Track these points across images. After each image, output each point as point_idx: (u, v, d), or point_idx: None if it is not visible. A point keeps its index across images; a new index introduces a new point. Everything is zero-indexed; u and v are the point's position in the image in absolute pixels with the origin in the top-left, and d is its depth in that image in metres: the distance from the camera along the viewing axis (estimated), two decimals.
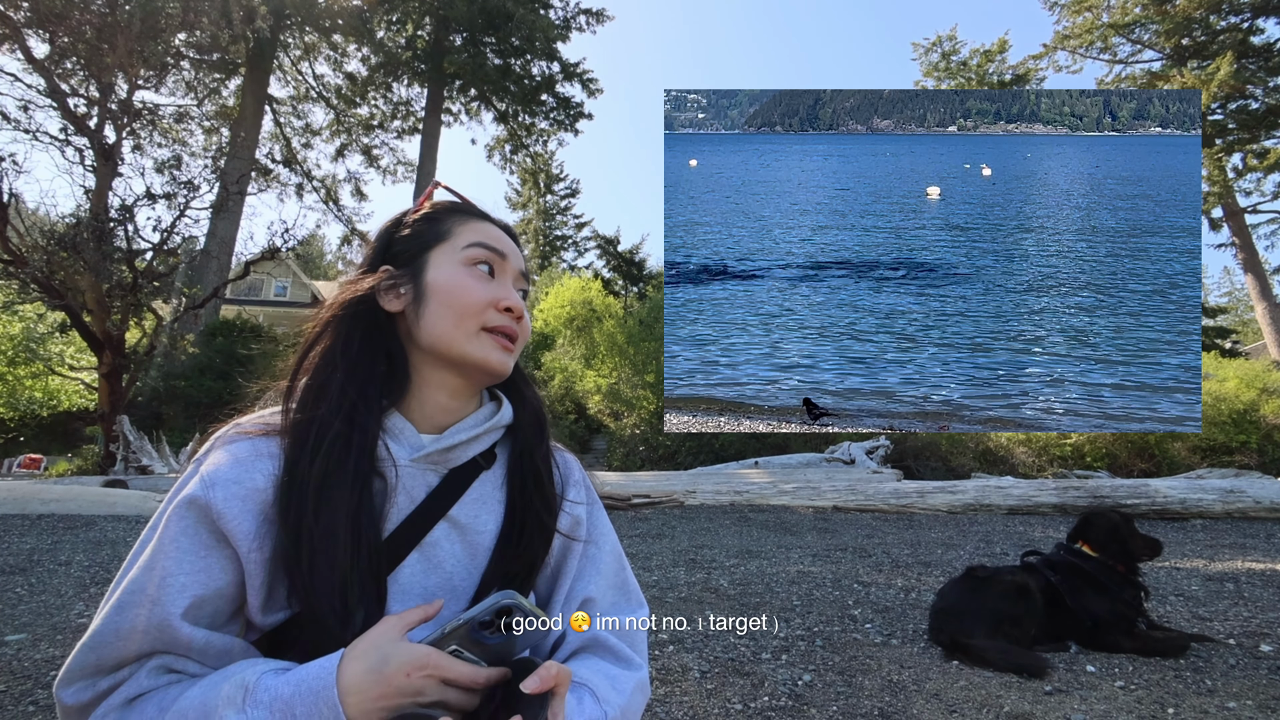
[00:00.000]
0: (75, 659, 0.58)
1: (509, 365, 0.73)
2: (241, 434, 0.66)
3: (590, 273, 25.40)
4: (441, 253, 0.73)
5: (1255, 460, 10.35)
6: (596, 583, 0.76)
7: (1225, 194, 18.62)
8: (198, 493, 0.61)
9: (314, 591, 0.59)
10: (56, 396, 16.27)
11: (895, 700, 1.78)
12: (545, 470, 0.77)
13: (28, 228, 9.65)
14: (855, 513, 5.96)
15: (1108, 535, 2.36)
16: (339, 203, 21.30)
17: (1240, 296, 40.05)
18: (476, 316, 0.71)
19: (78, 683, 0.58)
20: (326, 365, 0.68)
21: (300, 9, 16.87)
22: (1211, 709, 1.75)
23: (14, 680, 1.85)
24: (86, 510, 5.24)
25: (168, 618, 0.57)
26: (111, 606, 0.58)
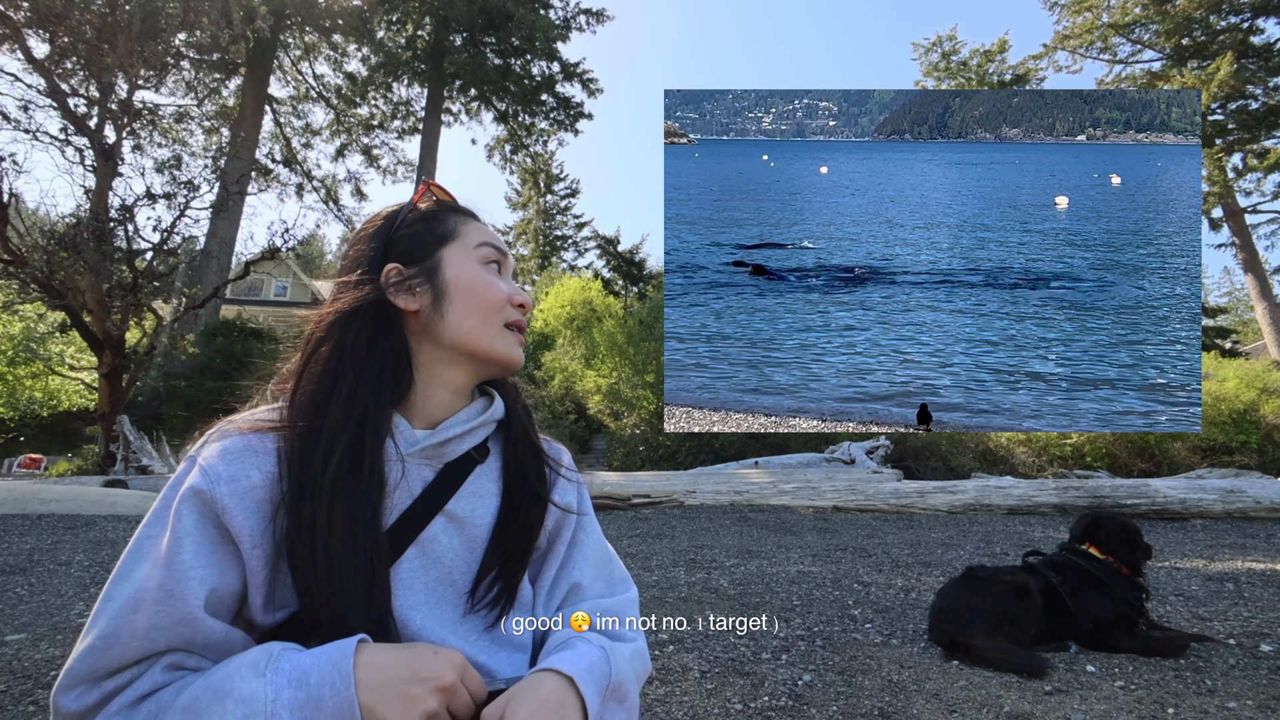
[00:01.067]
0: (80, 661, 0.55)
1: (522, 359, 0.77)
2: (235, 430, 0.66)
3: (590, 273, 25.39)
4: (455, 251, 0.74)
5: (1255, 460, 10.34)
6: (583, 569, 0.77)
7: (1225, 194, 18.62)
8: (202, 485, 0.60)
9: (329, 593, 0.59)
10: (56, 396, 16.27)
11: (895, 700, 1.78)
12: (540, 447, 0.80)
13: (28, 228, 9.65)
14: (855, 513, 5.96)
15: (1117, 538, 2.36)
16: (339, 203, 21.31)
17: (1240, 296, 40.05)
18: (500, 312, 0.74)
19: (81, 686, 0.55)
20: (333, 368, 0.67)
21: (300, 9, 16.87)
22: (1211, 709, 1.75)
23: (14, 680, 1.85)
24: (86, 510, 5.24)
25: (192, 612, 0.56)
26: (122, 604, 0.55)
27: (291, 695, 0.51)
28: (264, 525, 0.61)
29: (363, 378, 0.67)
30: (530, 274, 29.52)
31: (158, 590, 0.55)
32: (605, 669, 0.65)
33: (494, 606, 0.71)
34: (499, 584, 0.71)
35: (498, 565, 0.71)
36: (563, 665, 0.62)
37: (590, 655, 0.65)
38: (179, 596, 0.56)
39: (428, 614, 0.67)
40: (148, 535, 0.59)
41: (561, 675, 0.61)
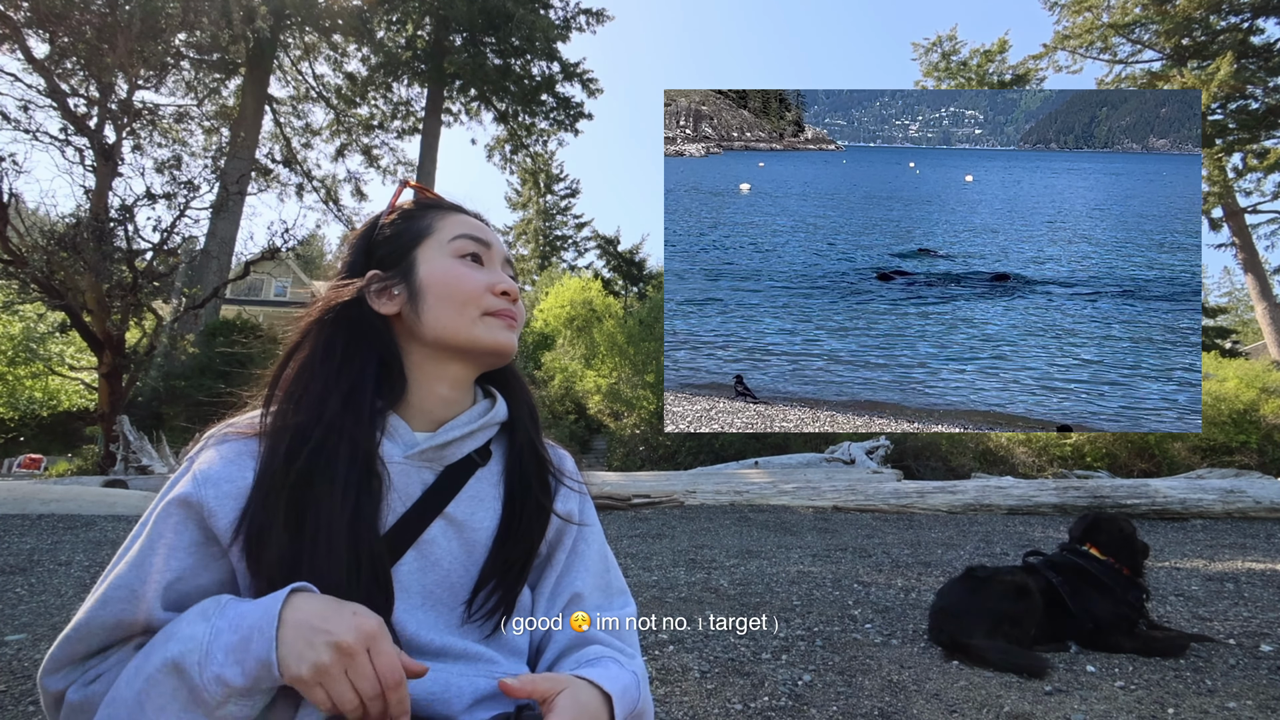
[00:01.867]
0: (59, 648, 0.59)
1: (514, 344, 0.75)
2: (233, 433, 0.67)
3: (590, 273, 25.38)
4: (429, 248, 0.74)
5: (1255, 460, 10.34)
6: (584, 579, 0.76)
7: (1225, 194, 18.61)
8: (189, 491, 0.62)
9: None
10: (56, 396, 16.28)
11: (895, 700, 1.78)
12: (544, 456, 0.79)
13: (28, 228, 9.65)
14: (855, 513, 5.96)
15: (1118, 539, 2.36)
16: (339, 203, 21.29)
17: (1240, 296, 40.03)
18: (476, 303, 0.72)
19: (63, 670, 0.60)
20: (304, 373, 0.68)
21: (300, 9, 16.86)
22: (1211, 709, 1.75)
23: (14, 680, 1.85)
24: (86, 510, 5.24)
25: (150, 610, 0.59)
26: (96, 600, 0.59)
27: (228, 639, 0.53)
28: None
29: (334, 384, 0.67)
30: (530, 274, 29.52)
31: (124, 590, 0.59)
32: (635, 695, 0.65)
33: (491, 616, 0.70)
34: (498, 594, 0.70)
35: (497, 576, 0.71)
36: (604, 682, 0.62)
37: (624, 678, 0.65)
38: (140, 597, 0.59)
39: (422, 617, 0.67)
40: (134, 536, 0.63)
41: (600, 691, 0.61)
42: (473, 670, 0.67)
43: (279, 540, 0.60)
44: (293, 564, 0.59)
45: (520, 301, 0.77)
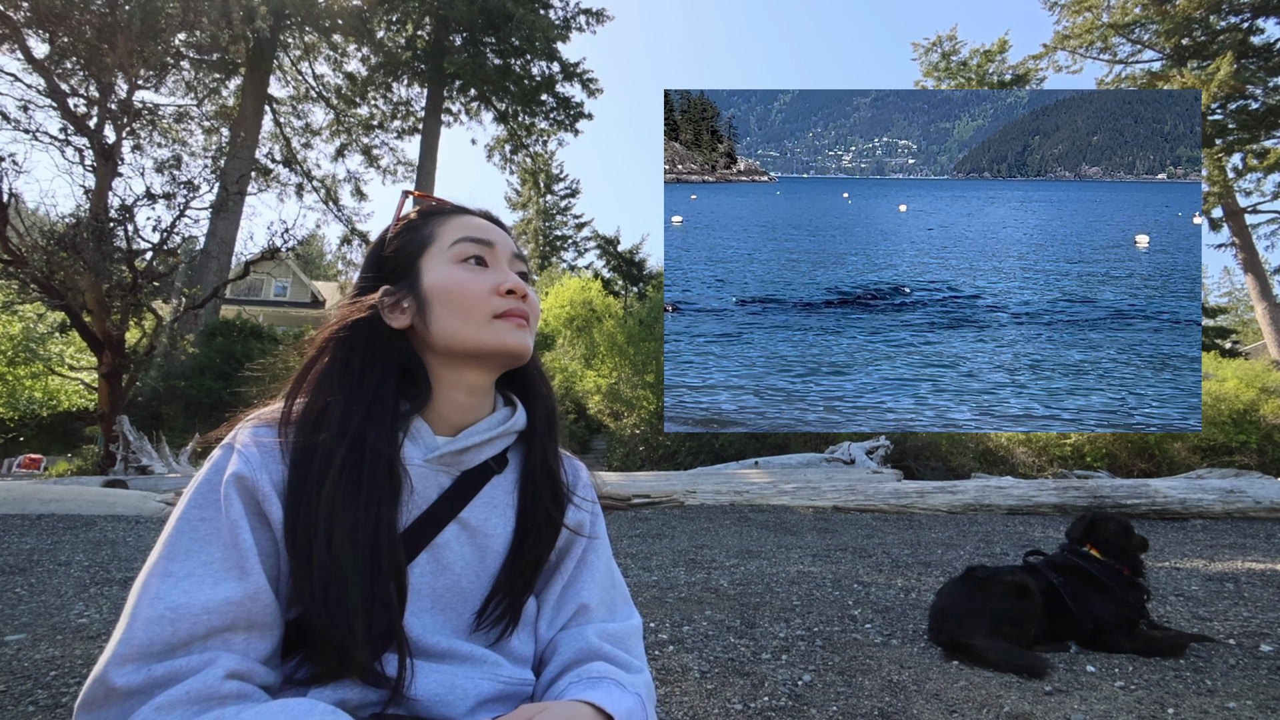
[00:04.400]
0: (145, 630, 0.54)
1: (528, 344, 0.74)
2: (265, 423, 0.67)
3: (590, 273, 25.39)
4: (431, 257, 0.74)
5: (1255, 460, 10.35)
6: (592, 590, 0.76)
7: (1225, 194, 18.62)
8: (245, 471, 0.61)
9: (331, 610, 0.59)
10: (56, 396, 16.27)
11: (895, 700, 1.78)
12: (556, 470, 0.78)
13: (28, 228, 9.65)
14: (855, 513, 5.96)
15: (1117, 539, 2.36)
16: (339, 203, 21.31)
17: (1240, 296, 40.03)
18: (482, 306, 0.71)
19: (135, 662, 0.53)
20: (324, 389, 0.68)
21: (300, 9, 16.86)
22: (1211, 709, 1.75)
23: (14, 680, 1.85)
24: (86, 510, 5.24)
25: (263, 586, 0.58)
26: (193, 579, 0.56)
27: None
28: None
29: (355, 399, 0.67)
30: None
31: (233, 568, 0.58)
32: (641, 717, 0.64)
33: (497, 624, 0.71)
34: (505, 603, 0.71)
35: (505, 587, 0.71)
36: (607, 704, 0.61)
37: (627, 702, 0.64)
38: (252, 572, 0.58)
39: (430, 620, 0.67)
40: (200, 518, 0.60)
41: (602, 713, 0.61)
42: (477, 673, 0.68)
43: (304, 542, 0.60)
44: (302, 581, 0.60)
45: (533, 296, 0.76)
